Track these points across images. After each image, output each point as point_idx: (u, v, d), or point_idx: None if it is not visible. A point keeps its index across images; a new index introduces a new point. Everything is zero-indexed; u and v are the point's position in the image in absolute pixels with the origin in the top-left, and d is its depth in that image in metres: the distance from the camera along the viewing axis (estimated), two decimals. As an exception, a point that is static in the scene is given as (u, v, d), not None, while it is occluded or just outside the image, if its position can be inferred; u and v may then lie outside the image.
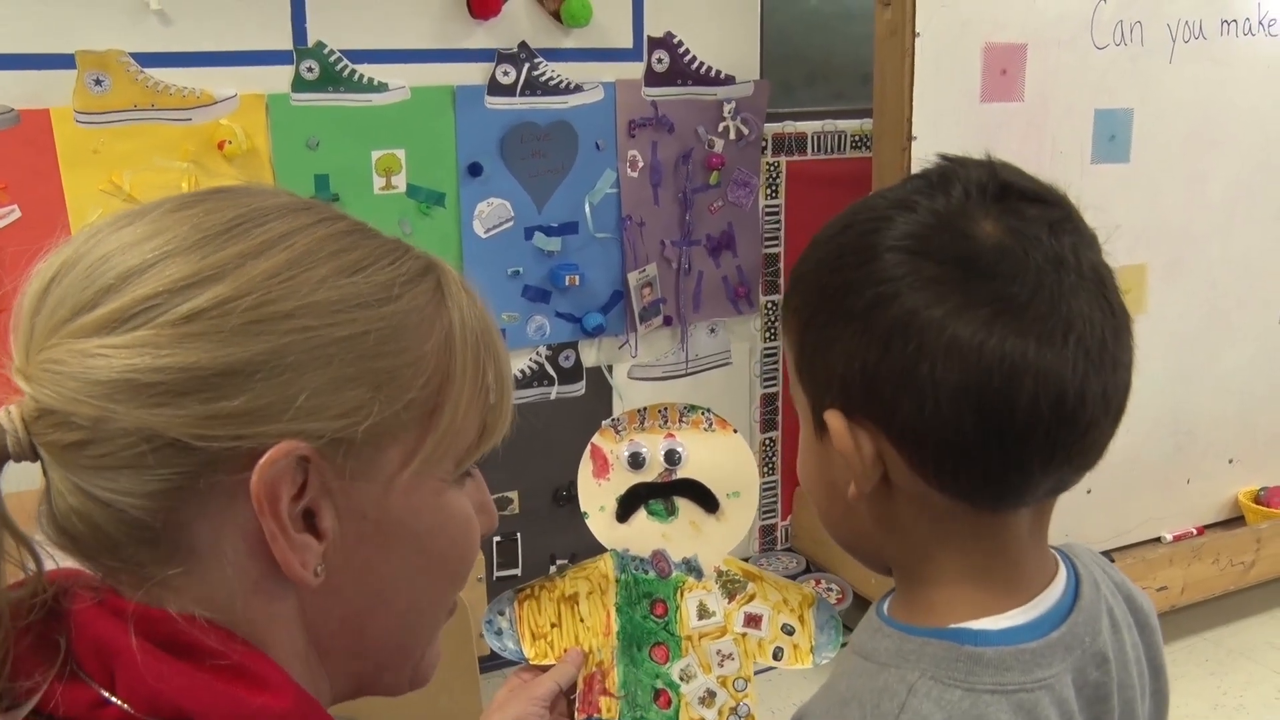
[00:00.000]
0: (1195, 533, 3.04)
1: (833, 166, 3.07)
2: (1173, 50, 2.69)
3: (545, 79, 2.65)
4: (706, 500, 1.18)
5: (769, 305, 3.10)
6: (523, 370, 2.78)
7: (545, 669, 1.13)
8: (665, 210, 2.85)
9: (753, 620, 1.16)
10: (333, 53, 2.44)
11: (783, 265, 3.09)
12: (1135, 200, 2.69)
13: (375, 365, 0.56)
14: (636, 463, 1.17)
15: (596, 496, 1.18)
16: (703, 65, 2.82)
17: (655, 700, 1.15)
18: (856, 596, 2.97)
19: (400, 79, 2.51)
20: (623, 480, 1.18)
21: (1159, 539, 3.01)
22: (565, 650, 1.15)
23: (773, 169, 3.02)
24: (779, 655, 1.16)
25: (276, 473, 0.54)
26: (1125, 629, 0.75)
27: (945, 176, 0.67)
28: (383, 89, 2.49)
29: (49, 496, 0.55)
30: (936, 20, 2.41)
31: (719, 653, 1.16)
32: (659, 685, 1.15)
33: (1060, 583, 0.71)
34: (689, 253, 2.90)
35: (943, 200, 0.65)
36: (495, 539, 2.82)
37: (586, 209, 2.76)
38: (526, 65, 2.62)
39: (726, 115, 2.86)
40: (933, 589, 0.69)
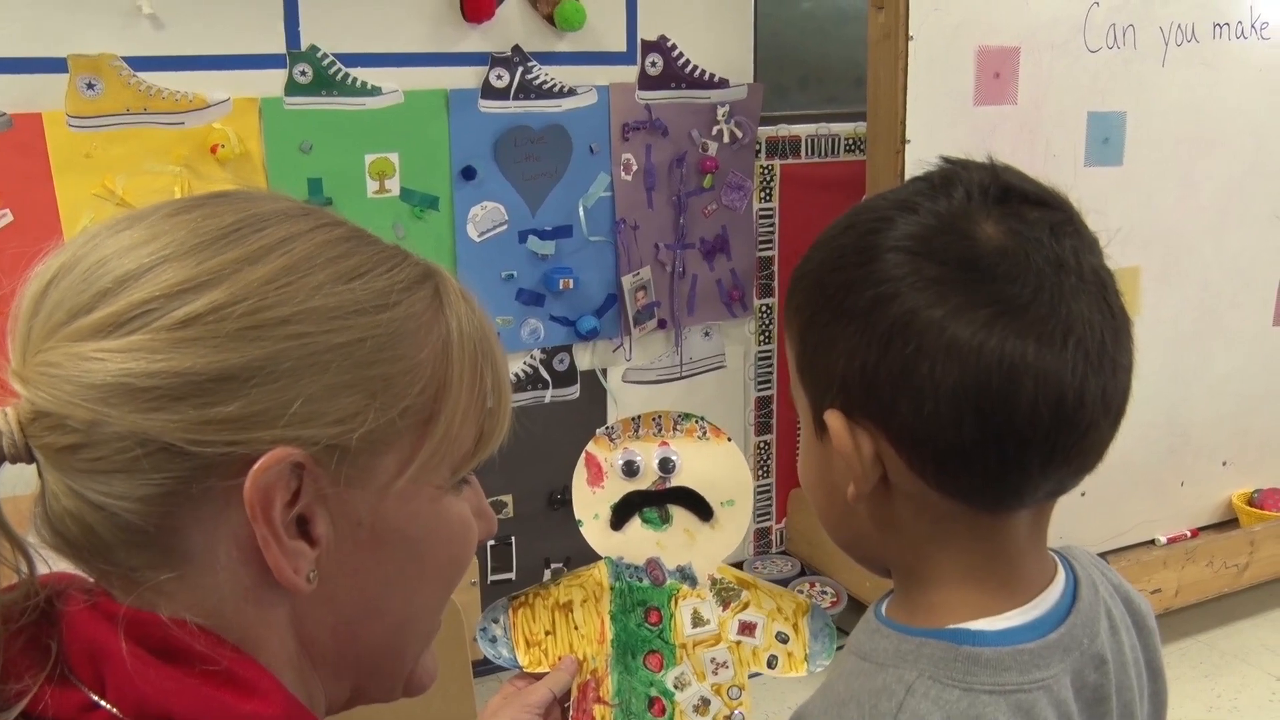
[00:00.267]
0: (1189, 535, 3.04)
1: (826, 170, 3.07)
2: (1165, 53, 2.70)
3: (539, 82, 2.65)
4: (701, 508, 1.17)
5: (763, 308, 3.10)
6: (517, 374, 2.78)
7: (539, 676, 1.13)
8: (659, 213, 2.85)
9: (747, 628, 1.16)
10: (326, 56, 2.43)
11: (777, 268, 3.09)
12: (1129, 203, 2.69)
13: (371, 372, 0.56)
14: (631, 471, 1.17)
15: (591, 504, 1.18)
16: (696, 69, 2.82)
17: (649, 708, 1.15)
18: (851, 600, 2.97)
19: (394, 82, 2.50)
20: (617, 488, 1.17)
21: (1153, 541, 3.01)
22: (559, 658, 1.15)
23: (767, 172, 3.02)
24: (773, 663, 1.16)
25: (270, 479, 0.54)
26: (1124, 631, 0.75)
27: (947, 178, 0.67)
28: (376, 92, 2.49)
29: (44, 499, 0.55)
30: (930, 23, 2.42)
31: (713, 661, 1.16)
32: (653, 693, 1.15)
33: (1059, 585, 0.71)
34: (683, 256, 2.90)
35: (944, 202, 0.65)
36: (490, 543, 2.82)
37: (580, 212, 2.75)
38: (520, 69, 2.62)
39: (720, 118, 2.86)
40: (931, 590, 0.69)
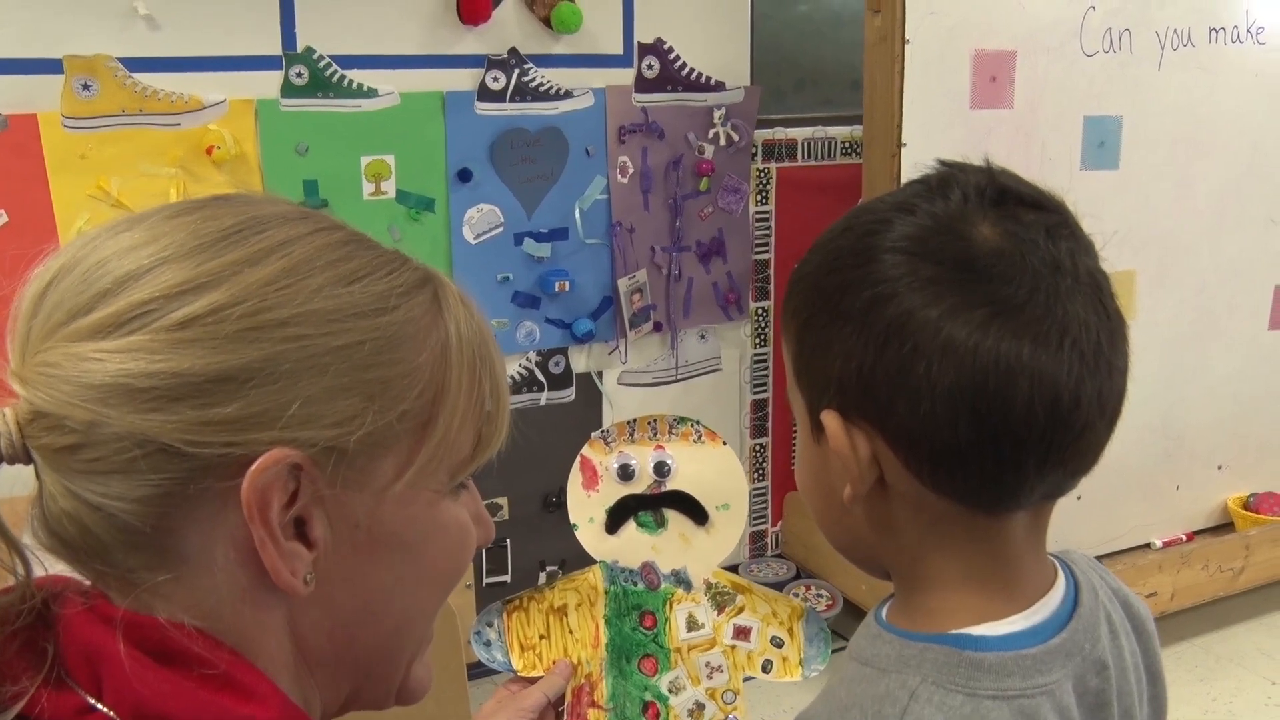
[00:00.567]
0: (1185, 539, 3.05)
1: (823, 173, 3.07)
2: (1161, 58, 2.70)
3: (535, 85, 2.65)
4: (696, 512, 1.17)
5: (759, 311, 3.10)
6: (513, 376, 2.78)
7: (533, 680, 1.13)
8: (655, 216, 2.85)
9: (742, 632, 1.16)
10: (322, 58, 2.43)
11: (773, 271, 3.09)
12: (1125, 206, 2.70)
13: (370, 375, 0.56)
14: (626, 475, 1.17)
15: (586, 508, 1.18)
16: (693, 71, 2.82)
17: (644, 713, 1.15)
18: (847, 603, 2.97)
19: (390, 84, 2.50)
20: (612, 492, 1.17)
21: (1148, 545, 3.02)
22: (554, 662, 1.14)
23: (763, 175, 3.02)
24: (768, 668, 1.16)
25: (268, 480, 0.54)
26: (1123, 635, 0.75)
27: (944, 181, 0.67)
28: (372, 94, 2.49)
29: (41, 500, 0.55)
30: (926, 27, 2.42)
31: (708, 665, 1.16)
32: (648, 697, 1.15)
33: (1059, 590, 0.71)
34: (679, 259, 2.90)
35: (941, 204, 0.65)
36: (486, 547, 2.81)
37: (576, 215, 2.75)
38: (516, 71, 2.62)
39: (717, 121, 2.86)
40: (931, 594, 0.69)
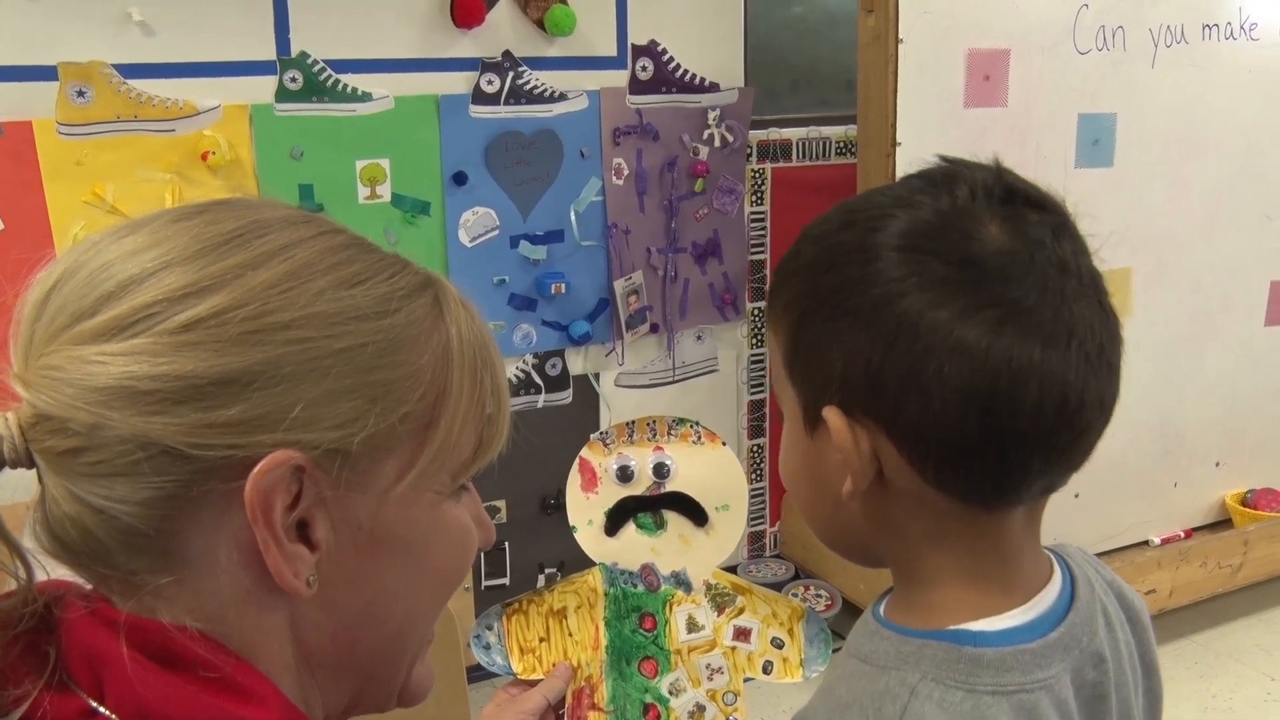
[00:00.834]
0: (1183, 536, 3.05)
1: (818, 173, 3.07)
2: (1155, 55, 2.70)
3: (529, 88, 2.64)
4: (695, 514, 1.17)
5: (755, 312, 3.10)
6: (510, 379, 2.78)
7: (534, 683, 1.13)
8: (651, 218, 2.85)
9: (742, 634, 1.16)
10: (316, 63, 2.43)
11: (769, 272, 3.09)
12: (1119, 204, 2.70)
13: (372, 378, 0.57)
14: (625, 476, 1.17)
15: (585, 510, 1.17)
16: (687, 73, 2.82)
17: (644, 715, 1.15)
18: (846, 603, 2.97)
19: (384, 88, 2.50)
20: (611, 494, 1.17)
21: (1147, 542, 3.01)
22: (554, 664, 1.14)
23: (758, 176, 3.02)
24: (768, 669, 1.16)
25: (271, 482, 0.54)
26: (1119, 627, 0.75)
27: (949, 176, 0.67)
28: (367, 98, 2.48)
29: (44, 503, 0.55)
30: (919, 26, 2.42)
31: (708, 666, 1.16)
32: (648, 700, 1.15)
33: (1056, 584, 0.71)
34: (675, 260, 2.90)
35: (948, 200, 0.65)
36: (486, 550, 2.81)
37: (572, 217, 2.75)
38: (511, 74, 2.62)
39: (711, 122, 2.86)
40: (929, 590, 0.69)
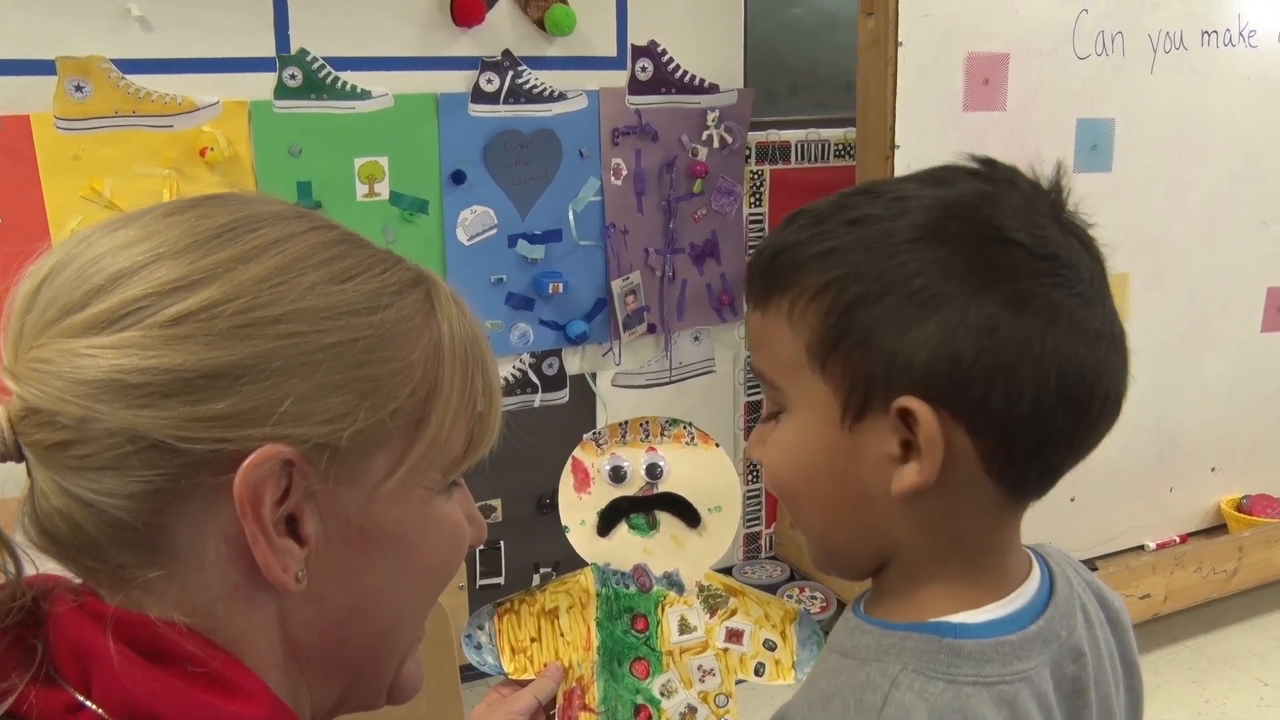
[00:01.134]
0: (1178, 541, 3.05)
1: (816, 175, 3.07)
2: (1154, 60, 2.70)
3: (529, 87, 2.64)
4: (688, 514, 1.17)
5: (753, 313, 3.10)
6: (506, 378, 2.78)
7: (525, 683, 1.12)
8: (649, 218, 2.85)
9: (734, 635, 1.16)
10: (316, 60, 2.43)
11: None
12: (1118, 209, 2.70)
13: (362, 373, 0.56)
14: (618, 476, 1.17)
15: (577, 510, 1.17)
16: (686, 74, 2.82)
17: (635, 716, 1.14)
18: (840, 605, 2.97)
19: (383, 86, 2.50)
20: (604, 494, 1.17)
21: (1142, 547, 3.02)
22: (545, 665, 1.14)
23: (756, 177, 3.02)
24: (760, 671, 1.16)
25: (260, 475, 0.54)
26: (1099, 626, 0.76)
27: (1008, 174, 0.68)
28: (366, 96, 2.48)
29: (32, 497, 0.55)
30: (919, 30, 2.42)
31: (700, 668, 1.15)
32: (639, 701, 1.15)
33: (1035, 579, 0.72)
34: (673, 261, 2.90)
35: (1018, 198, 0.66)
36: (478, 547, 2.81)
37: (570, 217, 2.75)
38: (510, 73, 2.62)
39: (710, 124, 2.86)
40: (919, 585, 0.69)
